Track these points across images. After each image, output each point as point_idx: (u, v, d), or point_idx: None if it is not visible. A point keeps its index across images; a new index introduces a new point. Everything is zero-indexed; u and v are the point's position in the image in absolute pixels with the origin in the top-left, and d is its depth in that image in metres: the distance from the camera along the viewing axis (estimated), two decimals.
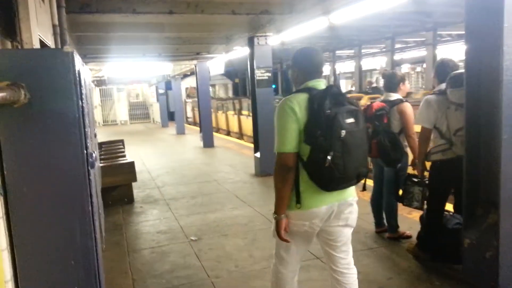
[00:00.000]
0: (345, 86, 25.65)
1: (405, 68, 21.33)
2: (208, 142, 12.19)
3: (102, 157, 6.69)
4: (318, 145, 2.12)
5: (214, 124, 16.20)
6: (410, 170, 4.03)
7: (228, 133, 16.94)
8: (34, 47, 2.19)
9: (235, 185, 7.06)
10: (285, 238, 2.29)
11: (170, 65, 13.33)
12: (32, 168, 1.72)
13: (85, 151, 1.76)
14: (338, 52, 19.11)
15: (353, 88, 18.39)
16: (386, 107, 3.92)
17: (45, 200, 1.75)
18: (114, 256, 4.21)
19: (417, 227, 3.87)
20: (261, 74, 7.37)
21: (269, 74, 7.44)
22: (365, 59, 18.64)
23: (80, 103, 1.77)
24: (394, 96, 4.03)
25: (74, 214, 1.78)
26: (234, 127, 16.31)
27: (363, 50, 16.80)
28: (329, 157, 2.09)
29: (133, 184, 7.36)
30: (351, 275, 2.43)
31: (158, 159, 10.38)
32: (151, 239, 4.61)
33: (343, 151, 2.12)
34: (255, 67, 7.36)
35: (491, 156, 2.91)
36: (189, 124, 21.45)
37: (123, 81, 21.52)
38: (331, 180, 2.15)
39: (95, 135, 3.70)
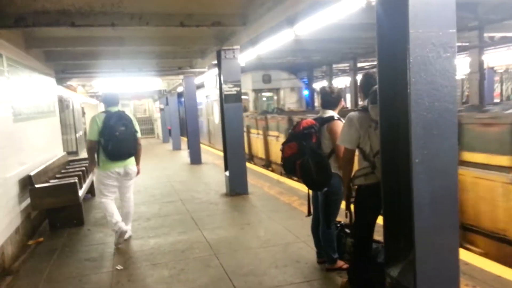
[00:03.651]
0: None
1: None
2: (195, 159, 11.85)
3: (58, 176, 6.43)
4: (106, 138, 4.60)
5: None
6: None
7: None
8: None
9: (199, 206, 6.68)
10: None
11: (159, 80, 13.12)
12: None
13: None
14: (339, 66, 18.73)
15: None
16: (316, 125, 3.53)
17: None
18: (27, 285, 3.89)
19: None
20: (228, 89, 7.02)
21: (238, 89, 7.07)
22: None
23: None
24: (328, 113, 3.66)
25: None
26: None
27: (360, 64, 16.32)
28: (110, 144, 4.57)
29: (94, 203, 7.09)
30: (130, 202, 5.10)
31: (137, 176, 10.05)
32: (76, 267, 4.26)
33: (117, 142, 4.60)
34: (222, 81, 7.04)
35: (406, 182, 2.51)
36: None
37: (123, 97, 21.45)
38: (111, 155, 4.63)
39: None
